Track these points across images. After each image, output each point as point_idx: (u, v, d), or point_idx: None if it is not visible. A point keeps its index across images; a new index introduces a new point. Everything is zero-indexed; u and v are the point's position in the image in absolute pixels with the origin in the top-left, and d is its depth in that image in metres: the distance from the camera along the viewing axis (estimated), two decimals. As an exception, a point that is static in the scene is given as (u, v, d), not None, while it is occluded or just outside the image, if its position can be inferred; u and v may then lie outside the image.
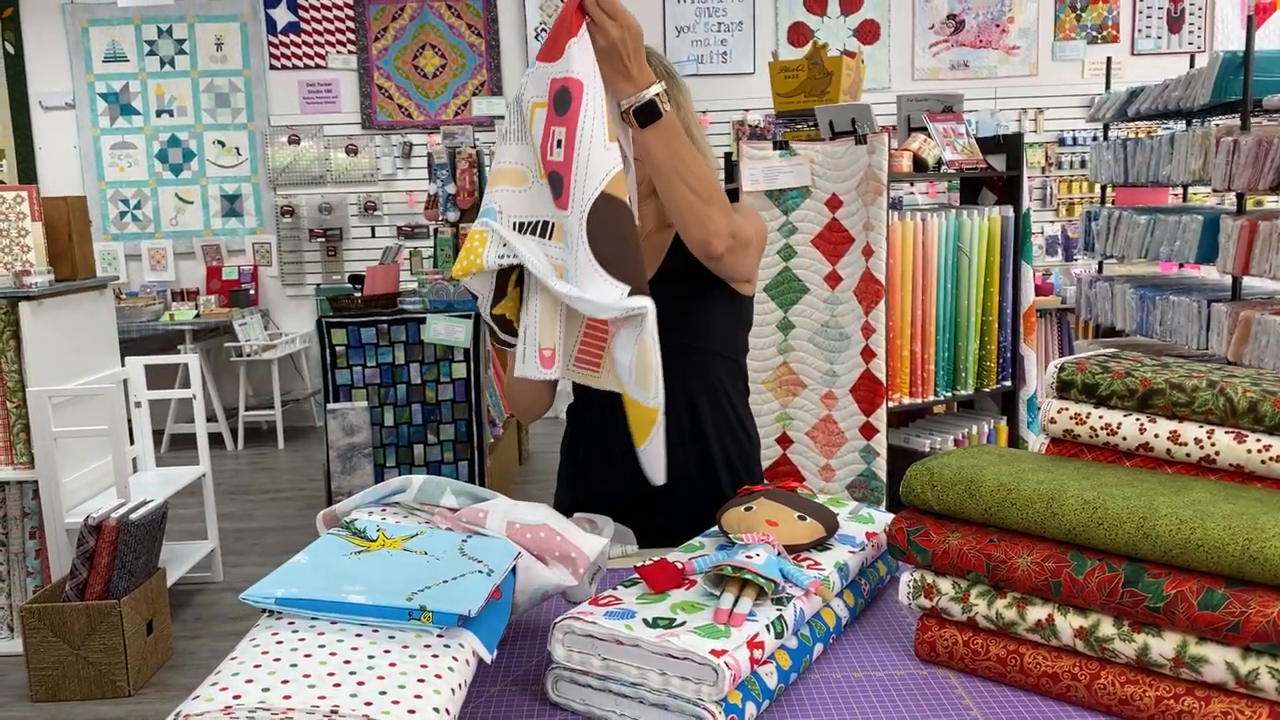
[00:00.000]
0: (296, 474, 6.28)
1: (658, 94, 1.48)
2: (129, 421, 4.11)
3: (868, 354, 3.18)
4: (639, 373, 1.42)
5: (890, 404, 3.30)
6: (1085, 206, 5.80)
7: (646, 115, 1.48)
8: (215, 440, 6.55)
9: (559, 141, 1.38)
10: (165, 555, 3.90)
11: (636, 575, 1.25)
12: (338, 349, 4.76)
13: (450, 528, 1.30)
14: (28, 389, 3.58)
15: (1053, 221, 7.26)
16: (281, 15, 7.19)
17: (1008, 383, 3.62)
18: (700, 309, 1.79)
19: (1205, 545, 1.05)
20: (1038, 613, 1.16)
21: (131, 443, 4.25)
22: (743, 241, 1.69)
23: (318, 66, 7.27)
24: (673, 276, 1.80)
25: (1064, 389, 1.36)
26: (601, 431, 1.84)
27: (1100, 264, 5.48)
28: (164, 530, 3.67)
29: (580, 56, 1.38)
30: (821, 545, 1.37)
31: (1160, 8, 7.19)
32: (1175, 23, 7.18)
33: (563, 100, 1.38)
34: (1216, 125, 4.23)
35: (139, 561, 3.45)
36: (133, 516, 3.38)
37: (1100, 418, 1.32)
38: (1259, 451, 1.20)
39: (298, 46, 7.23)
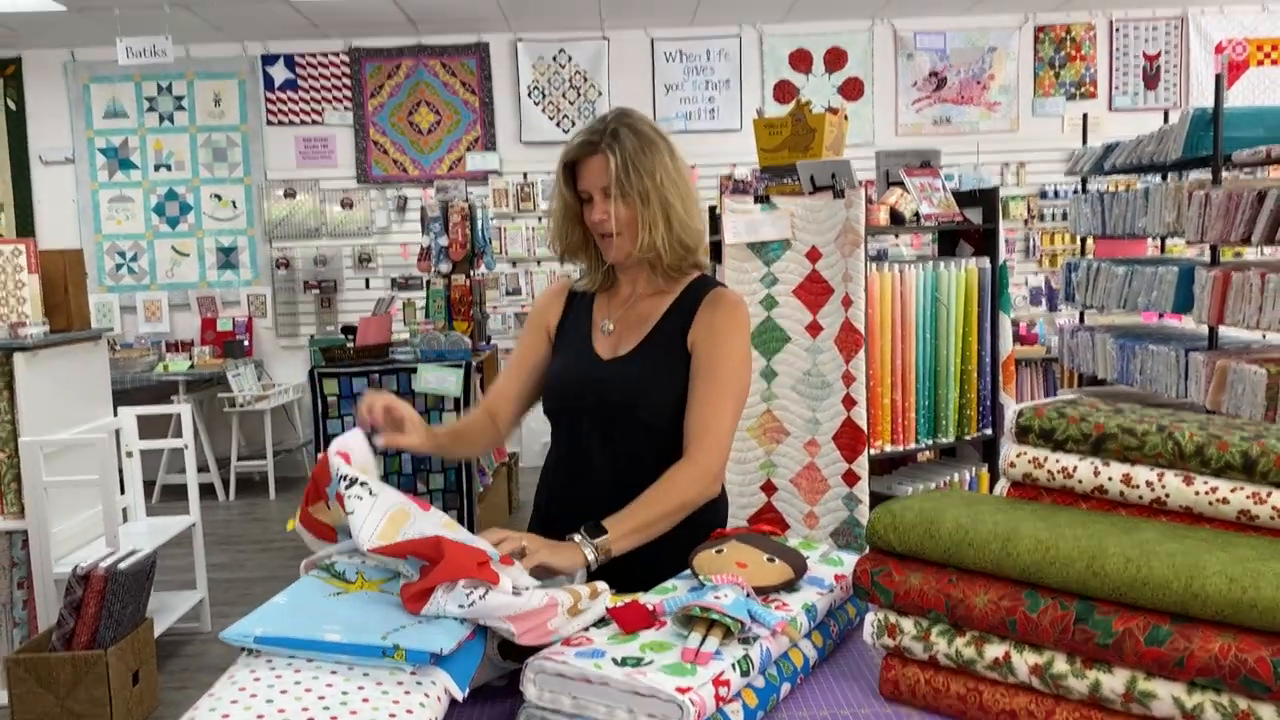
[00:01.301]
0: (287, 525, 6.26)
1: (586, 566, 1.55)
2: (120, 471, 4.14)
3: (849, 402, 3.24)
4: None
5: (872, 451, 3.34)
6: (1066, 258, 5.90)
7: (601, 562, 1.56)
8: (207, 490, 6.55)
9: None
10: (153, 605, 3.91)
11: (609, 616, 1.28)
12: (329, 399, 4.80)
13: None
14: (20, 439, 3.61)
15: (1036, 272, 7.37)
16: (279, 72, 7.34)
17: (989, 430, 3.67)
18: (669, 388, 1.80)
19: (1150, 583, 1.09)
20: (995, 650, 1.20)
21: (122, 492, 4.27)
22: (726, 441, 1.78)
23: (314, 122, 7.40)
24: (649, 353, 1.82)
25: (1023, 434, 1.42)
26: (563, 488, 1.89)
27: (1082, 314, 5.56)
28: (152, 580, 3.68)
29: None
30: (790, 587, 1.41)
31: (1137, 65, 7.38)
32: (1151, 79, 7.36)
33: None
34: (1189, 179, 4.33)
35: (126, 611, 3.46)
36: (121, 566, 3.40)
37: (1057, 461, 1.37)
38: (1206, 494, 1.25)
39: (295, 103, 7.37)
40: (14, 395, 3.61)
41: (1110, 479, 1.31)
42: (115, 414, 4.24)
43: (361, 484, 1.34)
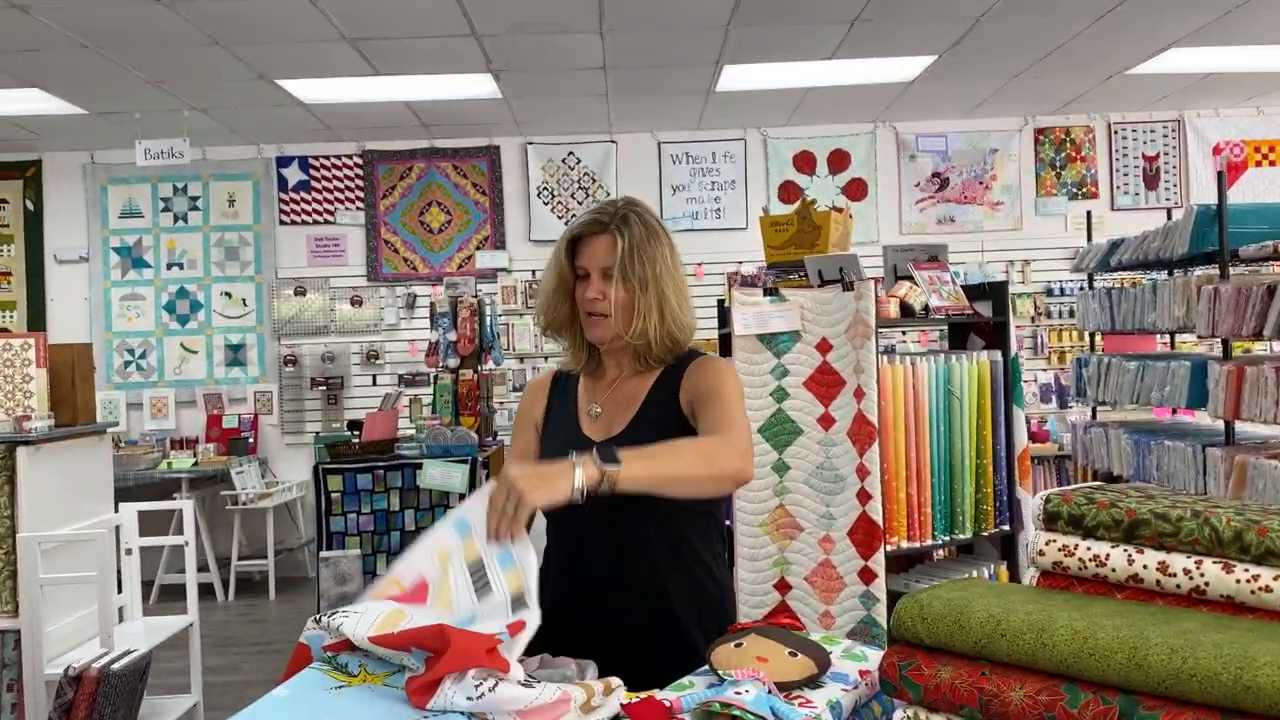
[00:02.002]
0: (287, 625, 6.13)
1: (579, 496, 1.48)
2: (119, 569, 4.06)
3: (864, 496, 3.17)
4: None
5: (888, 547, 3.27)
6: (1075, 354, 5.89)
7: (602, 492, 1.50)
8: (206, 590, 6.42)
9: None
10: (145, 710, 3.77)
11: (624, 714, 1.22)
12: (333, 495, 4.73)
13: (434, 663, 1.28)
14: (18, 534, 3.55)
15: (1045, 369, 7.35)
16: (293, 174, 7.49)
17: (1006, 526, 3.59)
18: None
19: (1198, 675, 1.03)
20: (1034, 749, 1.13)
21: (119, 591, 4.18)
22: (748, 439, 1.72)
23: (326, 222, 7.52)
24: (643, 429, 1.80)
25: (1051, 521, 1.37)
26: (564, 574, 1.83)
27: (1094, 410, 5.52)
28: (145, 682, 3.56)
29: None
30: (814, 682, 1.34)
31: (1137, 166, 7.50)
32: (1151, 180, 7.48)
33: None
34: (1197, 275, 4.35)
35: (118, 715, 3.33)
36: (114, 667, 3.29)
37: (1088, 549, 1.32)
38: (1248, 581, 1.19)
39: (307, 203, 7.50)
40: (15, 490, 3.56)
41: (1145, 566, 1.26)
42: (116, 510, 4.18)
43: (344, 612, 1.29)
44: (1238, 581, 1.20)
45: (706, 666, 1.39)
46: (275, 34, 4.96)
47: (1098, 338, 5.68)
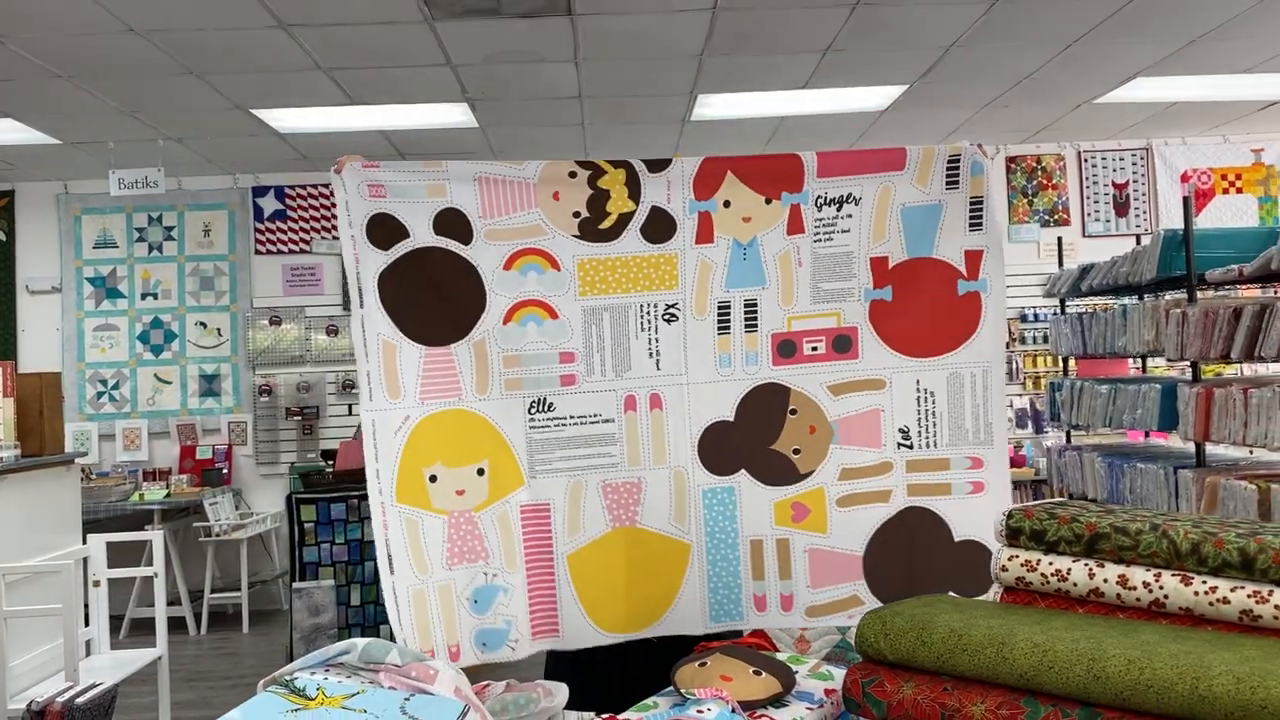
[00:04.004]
0: (259, 659, 6.04)
1: None
2: (86, 602, 4.00)
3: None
4: None
5: (862, 572, 3.26)
6: (1050, 379, 5.94)
7: None
8: (178, 624, 6.32)
9: None
10: (112, 745, 3.70)
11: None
12: (307, 525, 4.68)
13: (394, 686, 1.27)
14: (-18, 567, 3.49)
15: (1021, 395, 7.39)
16: (269, 203, 7.47)
17: (980, 550, 3.60)
18: None
19: (1155, 685, 1.04)
20: (996, 764, 1.12)
21: (87, 624, 4.11)
22: None
23: (302, 251, 7.49)
24: None
25: (1013, 537, 1.37)
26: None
27: (1068, 434, 5.55)
28: (111, 717, 3.49)
29: None
30: (778, 701, 1.34)
31: (1107, 193, 7.60)
32: (1121, 207, 7.58)
33: None
34: (1166, 299, 4.40)
35: (82, 751, 3.27)
36: (79, 701, 3.23)
37: (1050, 564, 1.32)
38: (1206, 593, 1.20)
39: (283, 233, 7.48)
40: (-20, 521, 3.51)
41: (1106, 580, 1.27)
42: (84, 542, 4.12)
43: None
44: (1196, 594, 1.20)
45: (671, 687, 1.38)
46: (251, 64, 4.97)
47: (1071, 362, 5.73)
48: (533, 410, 1.95)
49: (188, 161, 6.87)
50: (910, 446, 1.99)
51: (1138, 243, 5.31)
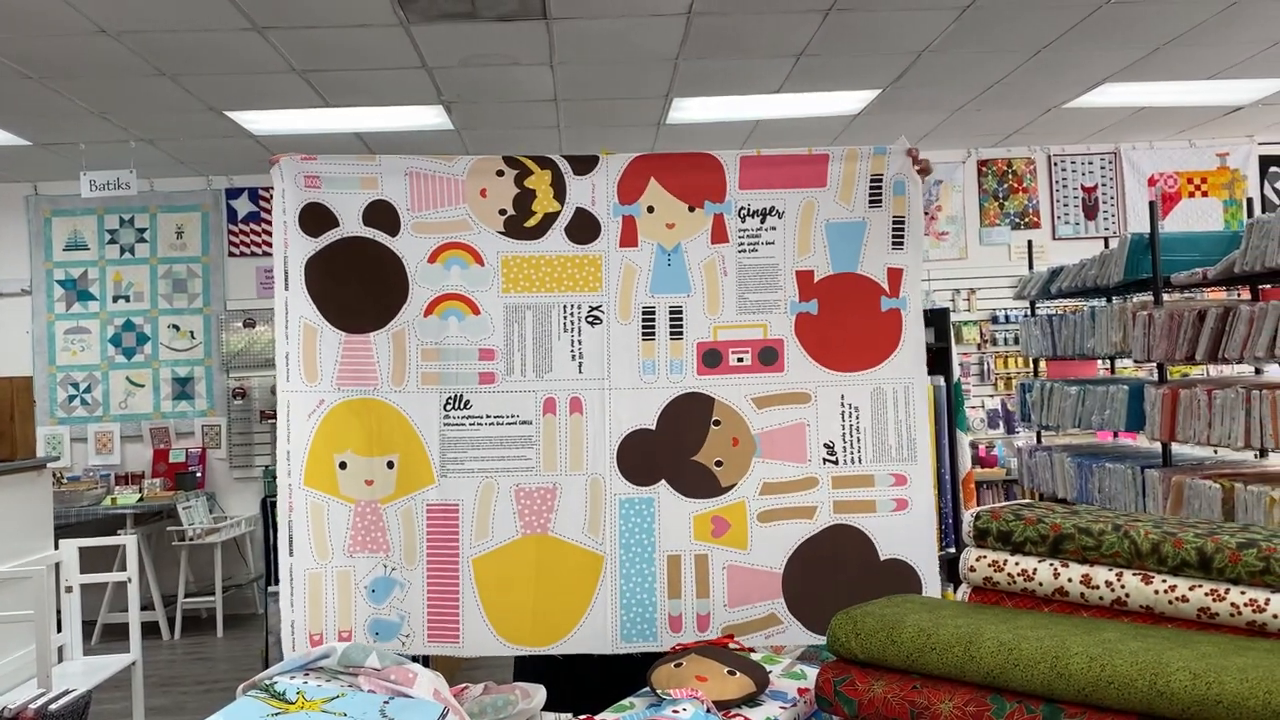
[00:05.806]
0: (234, 664, 6.00)
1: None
2: (58, 607, 3.96)
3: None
4: None
5: (836, 572, 3.29)
6: (1021, 380, 6.02)
7: None
8: (151, 629, 6.27)
9: None
10: (85, 752, 3.67)
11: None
12: (282, 529, 4.67)
13: (374, 689, 1.28)
14: (-47, 573, 3.46)
15: (992, 395, 7.48)
16: (242, 205, 7.43)
17: (952, 549, 3.64)
18: None
19: (1115, 681, 1.07)
20: (963, 760, 1.15)
21: (59, 630, 4.08)
22: None
23: (276, 253, 7.45)
24: None
25: (981, 537, 1.41)
26: None
27: (1039, 434, 5.62)
28: (85, 723, 3.47)
29: None
30: (752, 701, 1.36)
31: (1076, 196, 7.70)
32: (1090, 210, 7.68)
33: None
34: (1133, 301, 4.48)
35: (56, 758, 3.24)
36: (51, 707, 3.21)
37: (1016, 564, 1.36)
38: (1165, 592, 1.24)
39: (257, 234, 7.44)
40: (-50, 527, 3.47)
41: (1070, 580, 1.30)
42: (56, 547, 4.09)
43: None
44: (1156, 592, 1.24)
45: (647, 688, 1.40)
46: (224, 66, 4.94)
47: (1041, 363, 5.81)
48: (449, 407, 1.95)
49: (160, 163, 6.82)
50: (836, 462, 2.00)
51: (1106, 245, 5.39)
